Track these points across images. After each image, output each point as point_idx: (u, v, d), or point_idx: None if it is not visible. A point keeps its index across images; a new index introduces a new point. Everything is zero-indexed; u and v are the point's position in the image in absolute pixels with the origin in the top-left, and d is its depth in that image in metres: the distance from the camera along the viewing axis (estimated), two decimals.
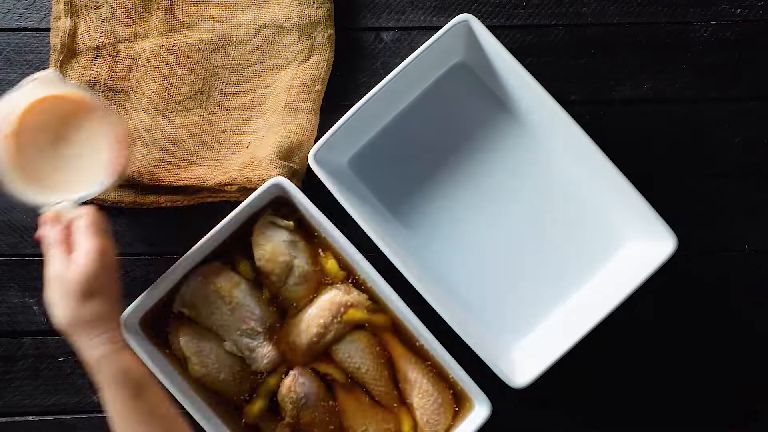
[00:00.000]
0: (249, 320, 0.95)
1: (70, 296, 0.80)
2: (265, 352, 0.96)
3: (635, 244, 0.99)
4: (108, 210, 1.01)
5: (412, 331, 0.97)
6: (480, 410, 0.95)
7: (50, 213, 0.84)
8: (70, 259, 0.82)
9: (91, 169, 0.89)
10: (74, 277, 0.81)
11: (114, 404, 0.81)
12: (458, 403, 0.98)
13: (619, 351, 1.03)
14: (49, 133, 0.89)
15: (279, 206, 0.99)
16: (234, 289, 0.95)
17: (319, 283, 0.98)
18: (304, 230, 0.99)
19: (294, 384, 0.94)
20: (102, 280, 0.82)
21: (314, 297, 0.97)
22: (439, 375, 0.98)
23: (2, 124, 0.87)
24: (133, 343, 0.94)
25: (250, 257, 0.98)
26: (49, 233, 0.83)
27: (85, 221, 0.83)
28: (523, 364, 0.97)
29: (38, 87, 0.88)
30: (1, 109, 0.87)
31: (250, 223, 0.98)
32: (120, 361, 0.81)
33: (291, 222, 0.97)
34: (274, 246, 0.96)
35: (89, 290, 0.81)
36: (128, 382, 0.81)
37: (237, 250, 0.98)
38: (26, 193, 0.86)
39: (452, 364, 0.95)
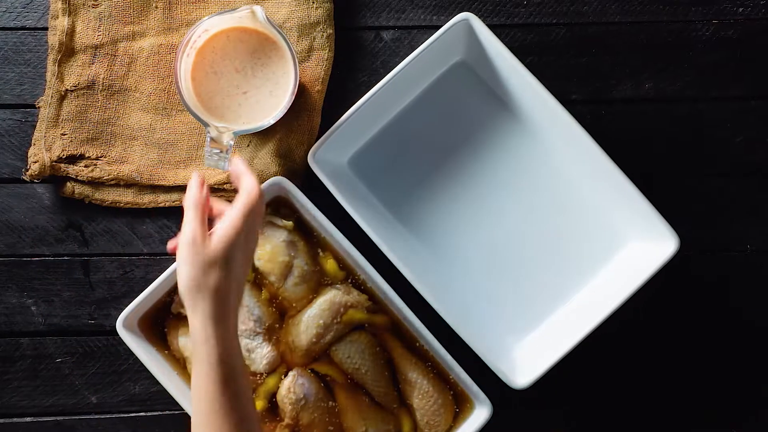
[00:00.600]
0: (248, 321, 0.95)
1: (195, 264, 0.76)
2: (264, 353, 0.95)
3: (636, 244, 0.99)
4: (106, 210, 1.01)
5: (412, 332, 0.96)
6: (481, 411, 0.95)
7: (198, 178, 0.81)
8: (207, 224, 0.79)
9: (257, 106, 0.92)
10: (210, 248, 0.77)
11: (206, 386, 0.77)
12: (459, 404, 0.98)
13: (620, 352, 1.03)
14: (233, 61, 0.92)
15: (278, 206, 0.98)
16: None
17: (319, 284, 0.98)
18: (304, 230, 0.99)
19: (293, 385, 0.94)
20: (237, 259, 0.78)
21: (314, 297, 0.97)
22: (439, 375, 0.97)
23: (197, 38, 0.90)
24: (131, 343, 0.94)
25: None
26: (192, 193, 0.80)
27: (245, 198, 0.79)
28: (524, 364, 0.96)
29: (244, 18, 0.90)
30: (201, 25, 0.89)
31: None
32: (222, 347, 0.77)
33: (290, 222, 0.97)
34: (273, 246, 0.96)
35: (221, 261, 0.76)
36: (223, 367, 0.76)
37: None
38: (193, 108, 0.89)
39: (452, 365, 0.95)
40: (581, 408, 1.03)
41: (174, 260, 0.95)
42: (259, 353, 0.95)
